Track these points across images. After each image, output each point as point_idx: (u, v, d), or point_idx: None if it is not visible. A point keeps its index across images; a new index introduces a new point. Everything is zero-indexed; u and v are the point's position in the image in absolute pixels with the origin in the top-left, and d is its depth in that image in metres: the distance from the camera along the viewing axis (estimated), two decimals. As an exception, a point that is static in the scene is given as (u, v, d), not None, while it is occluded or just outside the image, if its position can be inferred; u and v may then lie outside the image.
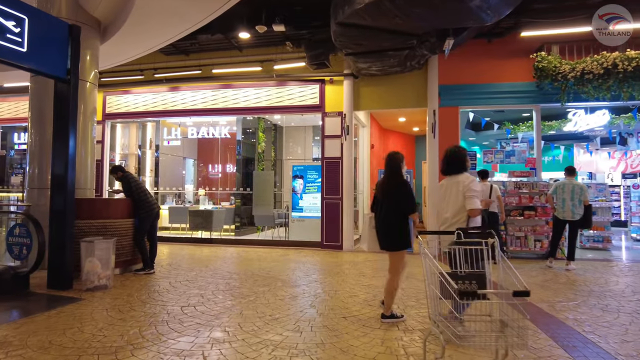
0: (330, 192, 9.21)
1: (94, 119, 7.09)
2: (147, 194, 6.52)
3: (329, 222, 9.18)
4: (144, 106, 10.55)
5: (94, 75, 7.09)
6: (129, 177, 6.51)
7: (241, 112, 10.01)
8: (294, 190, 9.77)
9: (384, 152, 14.55)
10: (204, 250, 8.88)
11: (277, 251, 8.79)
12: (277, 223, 10.51)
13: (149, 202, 6.47)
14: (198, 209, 10.82)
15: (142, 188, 6.53)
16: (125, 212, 6.40)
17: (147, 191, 6.58)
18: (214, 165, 15.06)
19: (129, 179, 6.47)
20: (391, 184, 4.14)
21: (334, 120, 9.32)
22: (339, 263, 7.46)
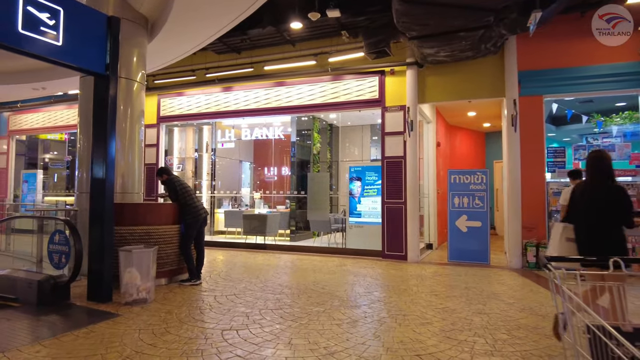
0: (392, 196, 8.28)
1: (141, 121, 6.78)
2: (193, 198, 6.03)
3: (390, 229, 8.25)
4: (197, 108, 10.29)
5: (141, 76, 6.79)
6: (173, 180, 6.07)
7: (294, 111, 9.38)
8: (351, 194, 8.95)
9: (451, 151, 13.29)
10: (257, 257, 8.33)
11: (333, 260, 8.01)
12: (333, 229, 9.75)
13: (196, 207, 5.98)
14: (252, 212, 10.35)
15: (189, 192, 6.05)
16: (171, 218, 5.95)
17: (193, 195, 6.09)
18: (270, 168, 14.63)
19: (173, 182, 6.02)
20: (601, 188, 3.43)
21: (395, 115, 8.39)
22: (405, 277, 6.52)
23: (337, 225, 9.93)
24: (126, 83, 6.60)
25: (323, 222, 9.43)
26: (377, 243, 8.47)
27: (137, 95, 6.75)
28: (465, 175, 8.29)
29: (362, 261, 7.95)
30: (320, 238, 10.42)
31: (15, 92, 10.92)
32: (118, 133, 6.34)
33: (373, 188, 8.76)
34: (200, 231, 6.10)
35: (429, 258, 8.56)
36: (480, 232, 8.09)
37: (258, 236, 9.68)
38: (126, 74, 6.59)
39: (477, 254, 8.04)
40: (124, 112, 6.47)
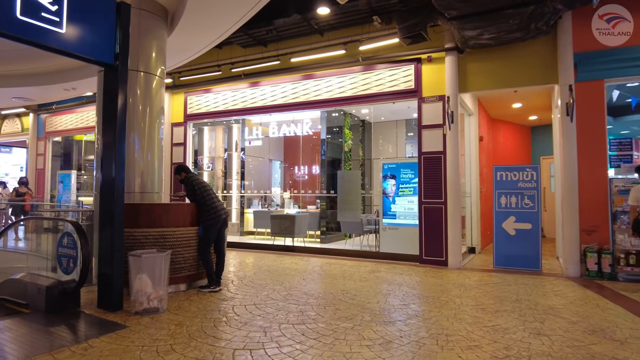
0: (431, 195, 7.55)
1: (161, 118, 6.42)
2: (213, 198, 5.60)
3: (429, 231, 7.53)
4: (223, 105, 9.94)
5: (161, 71, 6.44)
6: (192, 178, 5.66)
7: (323, 105, 8.82)
8: (385, 193, 8.29)
9: (494, 146, 12.28)
10: (284, 260, 7.83)
11: (365, 265, 7.39)
12: (365, 230, 9.11)
13: (215, 207, 5.54)
14: (280, 213, 9.90)
15: (208, 191, 5.63)
16: (189, 219, 5.54)
17: (213, 195, 5.66)
18: (300, 167, 14.18)
19: (192, 180, 5.61)
20: None
21: (433, 106, 7.66)
22: (446, 286, 5.81)
23: (370, 227, 9.29)
24: (145, 78, 6.26)
25: (354, 223, 8.82)
26: (413, 247, 7.77)
27: (157, 91, 6.38)
28: (513, 172, 7.45)
29: (398, 267, 7.29)
30: (352, 240, 9.82)
31: (48, 94, 10.99)
32: (136, 131, 6.06)
33: (409, 187, 8.06)
34: (220, 234, 5.66)
35: (471, 264, 7.77)
36: (531, 236, 7.23)
37: (286, 238, 9.19)
38: (145, 67, 6.26)
39: (526, 260, 7.19)
40: (142, 109, 6.14)
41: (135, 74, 6.10)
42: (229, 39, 8.91)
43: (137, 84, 6.13)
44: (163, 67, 6.55)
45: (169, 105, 10.62)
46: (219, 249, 5.69)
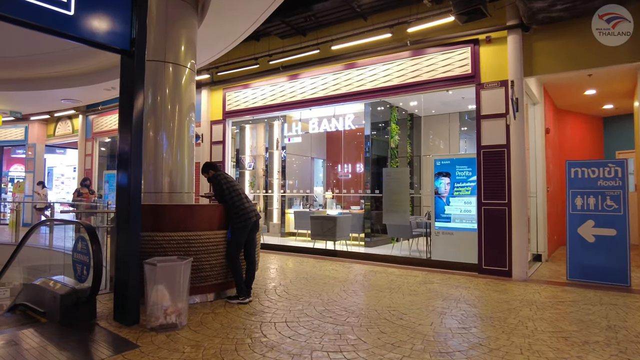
0: (492, 195, 6.59)
1: (191, 115, 5.97)
2: (242, 199, 5.04)
3: (490, 237, 6.57)
4: (262, 100, 9.45)
5: (191, 64, 6.00)
6: (220, 177, 5.13)
7: (367, 96, 8.05)
8: (438, 193, 7.40)
9: (560, 140, 10.91)
10: (324, 266, 7.17)
11: (415, 275, 6.56)
12: (415, 234, 8.25)
13: (245, 209, 4.97)
14: (321, 214, 9.26)
15: (237, 191, 5.07)
16: (216, 222, 5.01)
17: (243, 195, 5.10)
18: (343, 165, 13.49)
19: (219, 179, 5.08)
20: None
21: (493, 94, 6.68)
22: (512, 304, 4.88)
23: (420, 231, 8.41)
24: (174, 70, 5.83)
25: (402, 226, 7.97)
26: (471, 254, 6.83)
27: (187, 85, 5.94)
28: (591, 168, 6.32)
29: (453, 277, 6.39)
30: (400, 244, 8.97)
31: (90, 95, 11.08)
32: (164, 127, 5.67)
33: (466, 186, 7.12)
34: (250, 238, 5.08)
35: (539, 274, 6.71)
36: (615, 243, 6.07)
37: (327, 241, 8.53)
38: (174, 59, 5.83)
39: (610, 273, 6.04)
40: (171, 105, 5.72)
41: (162, 65, 5.70)
42: (266, 29, 8.41)
43: (165, 78, 5.71)
44: (193, 60, 6.10)
45: (207, 103, 10.30)
46: (249, 255, 5.12)
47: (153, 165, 5.57)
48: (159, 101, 5.67)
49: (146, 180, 5.54)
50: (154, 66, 5.63)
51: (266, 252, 8.88)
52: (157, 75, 5.68)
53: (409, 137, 11.94)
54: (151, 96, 5.66)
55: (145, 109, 5.53)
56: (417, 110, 11.73)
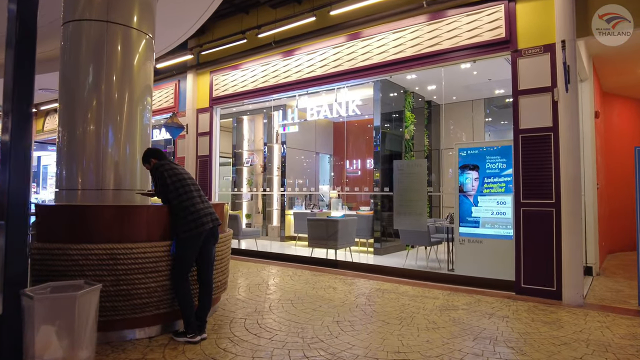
0: (534, 193, 5.09)
1: (146, 98, 4.73)
2: (194, 197, 3.67)
3: (531, 246, 5.07)
4: (252, 83, 8.11)
5: (148, 40, 4.73)
6: (163, 167, 3.75)
7: (375, 72, 6.60)
8: (463, 191, 5.92)
9: (607, 128, 9.27)
10: (321, 281, 5.78)
11: (434, 296, 5.10)
12: (434, 241, 6.78)
13: (196, 211, 3.61)
14: (320, 216, 7.88)
15: (187, 186, 3.70)
16: (157, 230, 3.67)
17: (196, 193, 3.74)
18: (352, 161, 12.07)
19: (161, 170, 3.73)
20: None
21: (535, 62, 5.18)
22: (575, 347, 3.39)
23: (440, 237, 6.95)
24: (124, 37, 4.57)
25: (418, 233, 6.50)
26: (505, 269, 5.35)
27: (142, 60, 4.69)
28: (669, 157, 4.77)
29: (483, 300, 4.91)
30: (416, 251, 7.50)
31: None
32: (106, 112, 4.43)
33: (498, 181, 5.64)
34: (205, 253, 3.73)
35: (596, 296, 5.17)
36: None
37: (328, 249, 7.13)
38: (125, 20, 4.56)
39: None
40: (117, 80, 4.49)
41: (103, 27, 4.42)
42: (254, -3, 7.07)
43: (105, 41, 4.43)
44: (151, 34, 4.84)
45: (193, 89, 9.03)
46: (203, 276, 3.75)
47: (94, 160, 4.37)
48: (102, 79, 4.44)
49: (86, 177, 4.36)
50: (96, 32, 4.40)
51: (254, 261, 7.55)
52: (100, 44, 4.44)
53: (426, 128, 10.47)
54: (92, 73, 4.45)
55: (85, 90, 4.37)
56: (436, 96, 10.25)
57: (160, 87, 9.81)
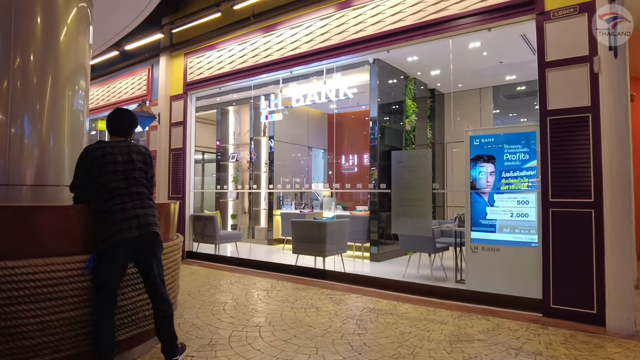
0: (566, 190, 4.05)
1: (77, 85, 3.88)
2: (113, 190, 2.66)
3: (563, 257, 4.04)
4: (230, 64, 7.07)
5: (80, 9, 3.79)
6: (86, 153, 2.75)
7: (370, 46, 5.52)
8: (476, 188, 4.88)
9: (634, 116, 8.16)
10: (303, 299, 4.76)
11: (441, 319, 4.07)
12: (440, 247, 5.74)
13: (116, 211, 2.60)
14: (307, 219, 6.85)
15: (110, 175, 2.68)
16: (60, 240, 2.65)
17: (123, 184, 2.72)
18: (347, 157, 11.04)
19: (82, 157, 2.72)
20: None
21: (567, 26, 4.14)
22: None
23: (446, 242, 5.92)
24: (43, 11, 3.64)
25: (421, 238, 5.44)
26: (529, 283, 4.32)
27: (71, 31, 3.81)
28: None
29: (504, 325, 3.87)
30: (419, 258, 6.45)
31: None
32: (20, 96, 3.53)
33: (520, 175, 4.59)
34: (142, 268, 2.73)
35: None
36: None
37: (315, 256, 6.09)
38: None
39: None
40: (37, 59, 3.65)
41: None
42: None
43: (14, 16, 3.52)
44: (85, 2, 3.88)
45: (166, 74, 8.00)
46: (151, 295, 2.76)
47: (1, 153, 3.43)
48: (12, 58, 3.53)
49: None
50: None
51: (231, 270, 6.53)
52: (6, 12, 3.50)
53: (429, 119, 9.44)
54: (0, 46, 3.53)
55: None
56: (440, 84, 9.23)
57: (132, 73, 8.79)
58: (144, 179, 2.81)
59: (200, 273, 6.24)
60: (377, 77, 7.31)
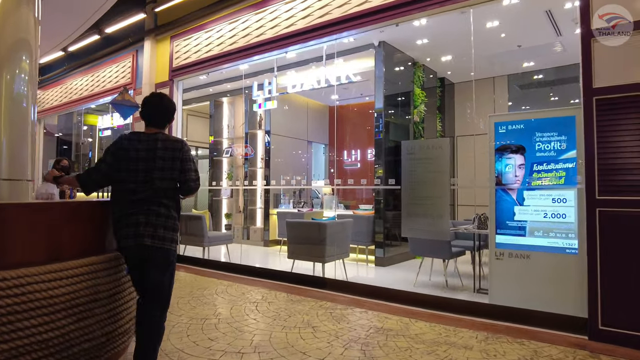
0: (618, 186, 3.31)
1: (19, 66, 3.28)
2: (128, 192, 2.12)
3: (613, 267, 3.29)
4: (219, 46, 6.35)
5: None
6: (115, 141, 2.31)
7: (376, 20, 4.76)
8: (501, 183, 4.13)
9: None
10: (297, 314, 4.05)
11: (464, 342, 3.34)
12: (455, 252, 5.01)
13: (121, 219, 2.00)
14: (305, 219, 6.15)
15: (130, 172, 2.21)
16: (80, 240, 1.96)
17: (140, 180, 2.17)
18: (350, 152, 10.30)
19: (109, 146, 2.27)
20: None
21: (620, -14, 3.42)
22: None
23: (462, 245, 5.20)
24: None
25: (437, 243, 4.70)
26: (568, 298, 3.59)
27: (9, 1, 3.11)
28: None
29: (543, 352, 3.14)
30: (430, 264, 5.70)
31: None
32: None
33: (555, 168, 3.86)
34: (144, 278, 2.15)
35: None
36: None
37: (314, 262, 5.37)
38: None
39: None
40: None
41: None
42: None
43: None
44: None
45: (150, 60, 7.29)
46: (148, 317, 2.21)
47: None
48: None
49: None
50: None
51: (219, 276, 5.83)
52: None
53: (438, 111, 8.71)
54: None
55: None
56: (451, 71, 8.49)
57: (116, 60, 8.08)
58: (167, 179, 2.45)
59: (184, 280, 5.53)
60: (383, 63, 6.59)
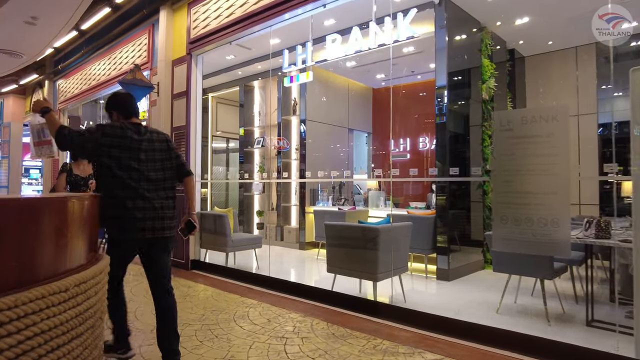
0: None
1: None
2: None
3: None
4: (241, 7, 5.18)
5: None
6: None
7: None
8: (653, 171, 2.69)
9: None
10: (341, 359, 2.82)
11: None
12: (558, 268, 3.59)
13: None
14: (348, 222, 4.90)
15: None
16: None
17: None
18: (397, 141, 8.92)
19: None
20: None
21: None
22: None
23: (567, 259, 3.78)
24: None
25: (541, 259, 3.30)
26: None
27: None
28: None
29: None
30: (518, 282, 4.26)
31: (14, 34, 7.45)
32: None
33: None
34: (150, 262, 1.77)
35: None
36: None
37: (362, 279, 4.12)
38: None
39: None
40: None
41: None
42: None
43: None
44: None
45: (166, 34, 6.26)
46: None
47: None
48: None
49: None
50: None
51: (245, 290, 4.69)
52: None
53: (508, 88, 7.18)
54: None
55: None
56: (522, 41, 6.96)
57: (132, 39, 7.14)
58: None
59: (199, 296, 4.45)
60: (446, 30, 5.22)
